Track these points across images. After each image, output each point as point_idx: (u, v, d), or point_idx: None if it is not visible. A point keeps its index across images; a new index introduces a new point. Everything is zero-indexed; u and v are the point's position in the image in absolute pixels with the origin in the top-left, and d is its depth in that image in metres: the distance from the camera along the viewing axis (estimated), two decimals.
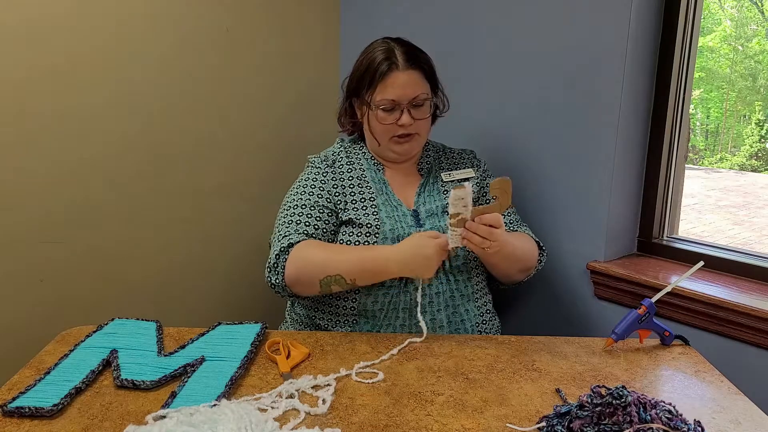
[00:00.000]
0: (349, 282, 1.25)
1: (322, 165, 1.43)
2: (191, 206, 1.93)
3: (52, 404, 0.92)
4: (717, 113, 11.34)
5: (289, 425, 0.90)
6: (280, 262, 1.28)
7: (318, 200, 1.36)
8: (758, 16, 11.49)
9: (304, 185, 1.40)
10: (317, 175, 1.41)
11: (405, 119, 1.33)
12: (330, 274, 1.24)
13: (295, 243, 1.29)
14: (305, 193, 1.38)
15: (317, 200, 1.36)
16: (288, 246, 1.29)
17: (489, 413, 0.95)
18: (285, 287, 1.29)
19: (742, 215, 7.04)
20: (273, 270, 1.29)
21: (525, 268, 1.42)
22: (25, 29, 1.58)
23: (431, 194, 1.42)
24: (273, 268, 1.29)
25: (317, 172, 1.42)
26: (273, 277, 1.29)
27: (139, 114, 1.79)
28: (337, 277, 1.24)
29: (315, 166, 1.43)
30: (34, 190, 1.65)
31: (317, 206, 1.35)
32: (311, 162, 1.45)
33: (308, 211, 1.35)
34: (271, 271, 1.29)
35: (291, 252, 1.28)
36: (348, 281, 1.25)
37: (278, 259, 1.28)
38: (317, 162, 1.44)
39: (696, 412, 0.97)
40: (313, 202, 1.36)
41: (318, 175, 1.41)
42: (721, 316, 1.32)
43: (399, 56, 1.33)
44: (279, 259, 1.28)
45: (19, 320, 1.67)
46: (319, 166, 1.43)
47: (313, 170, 1.42)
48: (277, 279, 1.28)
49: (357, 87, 1.39)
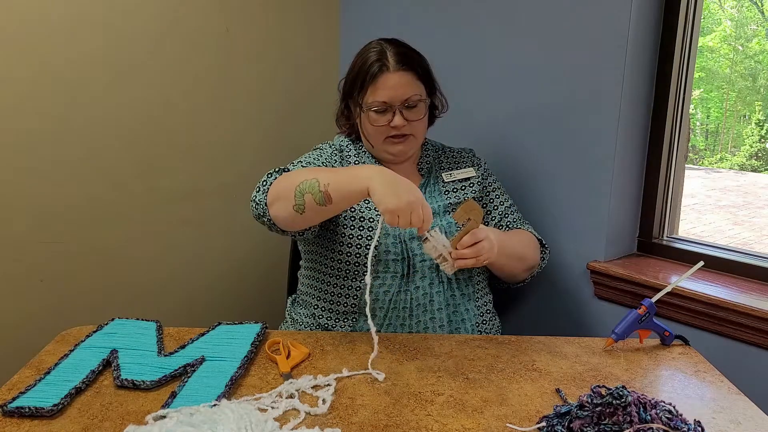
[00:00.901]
0: (322, 188, 1.13)
1: (330, 149, 1.43)
2: (191, 206, 1.94)
3: (52, 404, 0.92)
4: (717, 113, 11.34)
5: (289, 425, 0.90)
6: (269, 180, 1.26)
7: (324, 165, 1.36)
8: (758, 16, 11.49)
9: (311, 154, 1.41)
10: (324, 153, 1.41)
11: (397, 120, 1.33)
12: (307, 179, 1.16)
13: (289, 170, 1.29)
14: (311, 157, 1.39)
15: (323, 165, 1.37)
16: (282, 169, 1.29)
17: (489, 413, 0.95)
18: (265, 205, 1.23)
19: (742, 215, 7.04)
20: (260, 188, 1.26)
21: (529, 267, 1.42)
22: (25, 30, 1.58)
23: (432, 194, 1.42)
24: (261, 186, 1.26)
25: (324, 151, 1.42)
26: (258, 195, 1.25)
27: (139, 114, 1.79)
28: (311, 181, 1.14)
29: (323, 149, 1.44)
30: (34, 190, 1.65)
31: None
32: (319, 147, 1.45)
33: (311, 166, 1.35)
34: (258, 189, 1.26)
35: (283, 174, 1.26)
36: (321, 186, 1.13)
37: (268, 177, 1.27)
38: (325, 147, 1.45)
39: (696, 412, 0.97)
40: (318, 164, 1.36)
41: (325, 153, 1.41)
42: (721, 316, 1.32)
43: (390, 57, 1.33)
44: (269, 177, 1.27)
45: (19, 320, 1.67)
46: (326, 150, 1.43)
47: (320, 150, 1.43)
48: (261, 196, 1.24)
49: (350, 89, 1.39)
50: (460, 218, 1.20)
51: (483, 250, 1.20)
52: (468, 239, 1.19)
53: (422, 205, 1.08)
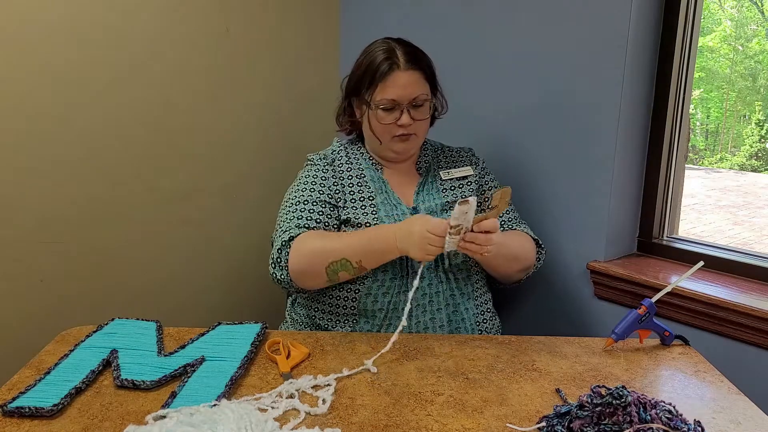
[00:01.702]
0: (356, 265, 1.24)
1: (322, 162, 1.43)
2: (191, 206, 1.93)
3: (52, 404, 0.92)
4: (717, 113, 11.35)
5: (289, 425, 0.90)
6: (282, 256, 1.28)
7: (319, 196, 1.36)
8: (758, 16, 11.49)
9: (305, 182, 1.40)
10: (317, 171, 1.41)
11: (405, 119, 1.33)
12: (335, 259, 1.23)
13: (295, 236, 1.29)
14: (306, 189, 1.38)
15: (318, 196, 1.36)
16: (289, 240, 1.29)
17: (489, 413, 0.95)
18: (291, 282, 1.28)
19: (742, 215, 7.05)
20: (277, 265, 1.29)
21: (524, 267, 1.42)
22: (25, 30, 1.58)
23: (430, 192, 1.42)
24: (276, 263, 1.29)
25: (317, 168, 1.42)
26: (278, 272, 1.29)
27: (139, 114, 1.79)
28: (342, 262, 1.23)
29: (315, 163, 1.44)
30: (34, 190, 1.65)
31: (318, 201, 1.36)
32: (311, 160, 1.45)
33: (309, 207, 1.35)
34: (275, 266, 1.29)
35: (292, 245, 1.27)
36: (354, 264, 1.24)
37: (280, 254, 1.28)
38: (317, 159, 1.44)
39: (696, 412, 0.97)
40: (314, 197, 1.36)
41: (318, 171, 1.41)
42: (721, 316, 1.32)
43: (400, 56, 1.33)
44: (281, 254, 1.28)
45: (19, 320, 1.67)
46: (318, 164, 1.43)
47: (313, 167, 1.43)
48: (282, 274, 1.28)
49: (357, 86, 1.39)
50: (496, 201, 1.18)
51: (491, 242, 1.20)
52: (488, 224, 1.18)
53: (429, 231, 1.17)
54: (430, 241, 1.16)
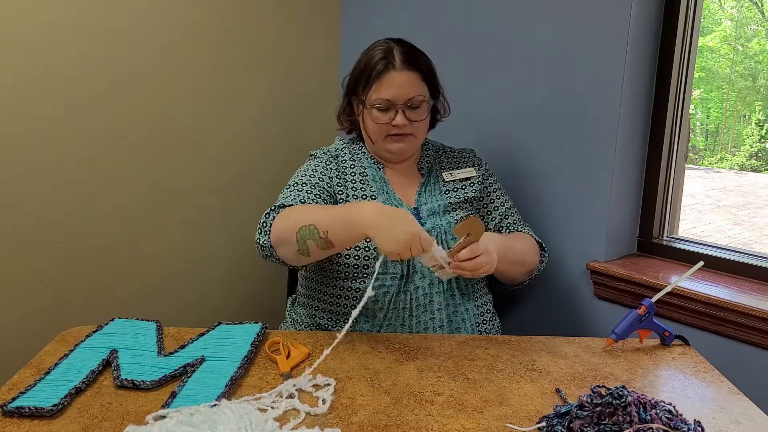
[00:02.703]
0: (322, 235, 1.17)
1: (325, 156, 1.43)
2: (191, 206, 1.94)
3: (52, 404, 0.92)
4: (717, 113, 11.35)
5: (289, 425, 0.90)
6: (268, 221, 1.26)
7: (319, 182, 1.36)
8: (758, 16, 11.49)
9: (306, 170, 1.40)
10: (320, 163, 1.41)
11: (399, 119, 1.33)
12: (305, 224, 1.18)
13: (287, 205, 1.28)
14: (306, 175, 1.38)
15: (318, 182, 1.36)
16: (280, 206, 1.28)
17: (489, 413, 0.95)
18: (271, 248, 1.25)
19: (742, 215, 7.05)
20: (262, 230, 1.27)
21: (528, 271, 1.43)
22: (25, 31, 1.58)
23: (432, 193, 1.42)
24: (262, 228, 1.27)
25: (320, 161, 1.42)
26: (261, 237, 1.26)
27: (138, 114, 1.79)
28: (310, 228, 1.17)
29: (318, 156, 1.44)
30: (34, 190, 1.65)
31: (317, 186, 1.35)
32: (314, 154, 1.45)
33: (307, 188, 1.35)
34: (260, 231, 1.27)
35: (281, 211, 1.26)
36: (321, 234, 1.17)
37: (267, 218, 1.27)
38: (320, 154, 1.45)
39: (696, 412, 0.97)
40: (313, 182, 1.36)
41: (321, 163, 1.41)
42: (721, 316, 1.32)
43: (397, 56, 1.33)
44: (268, 218, 1.27)
45: (19, 320, 1.67)
46: (321, 157, 1.43)
47: (316, 160, 1.43)
48: (264, 239, 1.25)
49: (354, 85, 1.39)
50: (460, 233, 1.18)
51: (482, 264, 1.19)
52: (466, 253, 1.17)
53: (419, 237, 1.10)
54: (415, 247, 1.10)
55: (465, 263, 1.17)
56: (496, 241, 1.29)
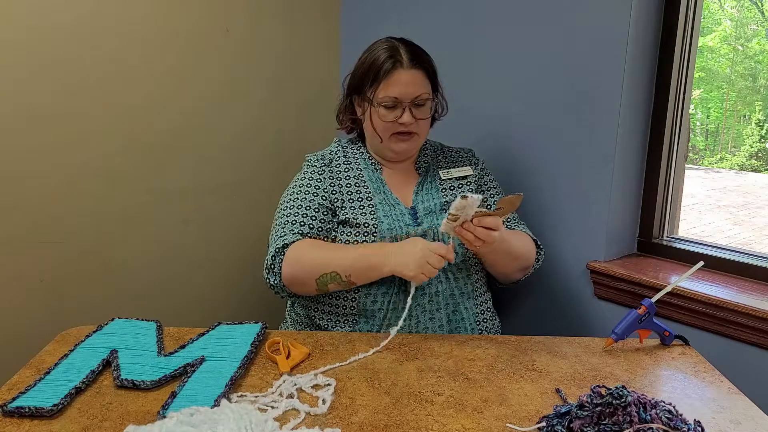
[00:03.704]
0: (345, 279, 1.26)
1: (319, 163, 1.43)
2: (191, 206, 1.93)
3: (52, 404, 0.92)
4: (717, 113, 11.35)
5: (289, 425, 0.90)
6: (276, 263, 1.29)
7: (314, 199, 1.37)
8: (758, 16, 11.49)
9: (300, 184, 1.41)
10: (314, 173, 1.41)
11: (406, 117, 1.34)
12: (325, 272, 1.26)
13: (290, 243, 1.30)
14: (301, 192, 1.39)
15: (313, 198, 1.37)
16: (283, 246, 1.30)
17: (489, 413, 0.95)
18: (283, 287, 1.31)
19: (742, 215, 7.05)
20: (270, 271, 1.31)
21: (523, 267, 1.42)
22: (25, 31, 1.58)
23: (429, 192, 1.42)
24: (270, 269, 1.31)
25: (314, 170, 1.42)
26: (271, 278, 1.31)
27: (138, 114, 1.79)
28: (333, 275, 1.25)
29: (312, 164, 1.44)
30: (34, 190, 1.65)
31: (313, 205, 1.36)
32: (308, 161, 1.46)
33: (304, 212, 1.35)
34: (269, 272, 1.31)
35: (287, 252, 1.29)
36: (344, 278, 1.26)
37: (274, 260, 1.30)
38: (314, 160, 1.44)
39: (696, 412, 0.97)
40: (308, 201, 1.36)
41: (315, 173, 1.41)
42: (721, 316, 1.32)
43: (404, 55, 1.34)
44: (275, 260, 1.30)
45: (19, 320, 1.67)
46: (315, 165, 1.43)
47: (310, 168, 1.43)
48: (275, 280, 1.30)
49: (359, 84, 1.39)
50: (502, 203, 1.19)
51: (492, 240, 1.20)
52: (491, 221, 1.19)
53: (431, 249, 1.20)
54: (430, 259, 1.19)
55: (480, 230, 1.19)
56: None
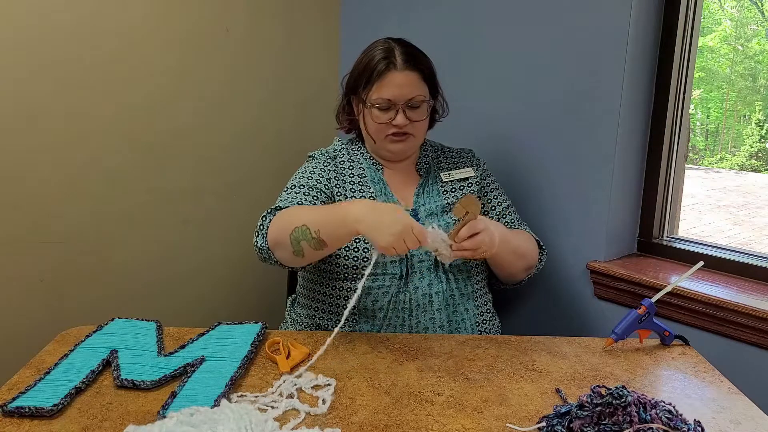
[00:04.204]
0: (314, 234, 1.17)
1: (323, 158, 1.43)
2: (191, 206, 1.94)
3: (52, 404, 0.92)
4: (717, 113, 11.34)
5: (289, 425, 0.90)
6: (265, 223, 1.26)
7: (316, 184, 1.37)
8: (758, 16, 11.49)
9: (303, 172, 1.40)
10: (318, 164, 1.41)
11: (399, 119, 1.33)
12: (297, 225, 1.19)
13: (283, 208, 1.28)
14: (304, 177, 1.39)
15: (315, 184, 1.37)
16: (275, 208, 1.28)
17: (489, 413, 0.95)
18: (268, 250, 1.25)
19: (742, 215, 7.04)
20: (259, 233, 1.27)
21: (528, 266, 1.43)
22: (26, 30, 1.58)
23: (430, 194, 1.42)
24: (259, 231, 1.27)
25: (318, 162, 1.42)
26: (259, 240, 1.26)
27: (139, 114, 1.79)
28: (303, 228, 1.17)
29: (316, 158, 1.44)
30: (34, 190, 1.65)
31: (314, 188, 1.36)
32: (312, 155, 1.46)
33: (304, 190, 1.35)
34: (257, 234, 1.27)
35: (277, 213, 1.26)
36: (313, 233, 1.17)
37: (264, 221, 1.27)
38: (318, 155, 1.45)
39: (696, 412, 0.97)
40: (311, 184, 1.36)
41: (319, 164, 1.41)
42: (721, 316, 1.32)
43: (398, 56, 1.34)
44: (264, 221, 1.27)
45: (19, 320, 1.67)
46: (319, 159, 1.43)
47: (314, 161, 1.43)
48: (262, 242, 1.25)
49: (355, 84, 1.39)
50: (459, 213, 1.20)
51: (482, 242, 1.20)
52: (465, 231, 1.19)
53: (412, 228, 1.10)
54: (408, 237, 1.10)
55: (465, 243, 1.19)
56: (499, 227, 1.30)
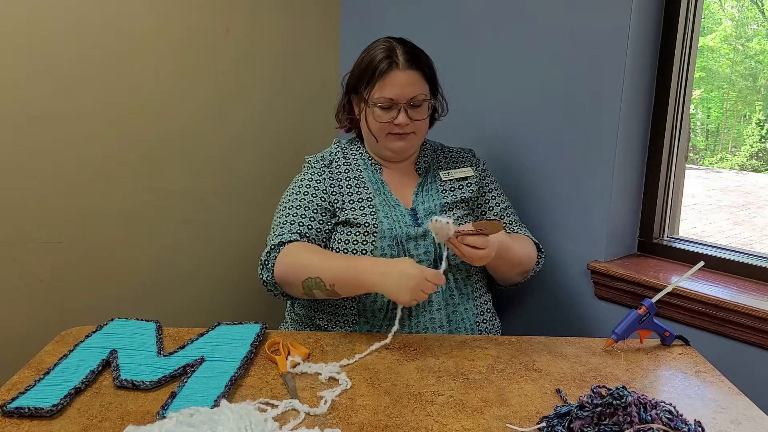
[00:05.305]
0: (329, 288, 1.22)
1: (318, 165, 1.43)
2: (191, 206, 1.93)
3: (51, 404, 0.92)
4: (717, 113, 11.33)
5: (289, 425, 0.90)
6: (270, 259, 1.28)
7: (313, 200, 1.36)
8: (758, 16, 11.49)
9: (300, 185, 1.40)
10: (314, 174, 1.41)
11: (401, 118, 1.34)
12: (311, 276, 1.22)
13: (287, 242, 1.29)
14: (300, 193, 1.38)
15: (312, 200, 1.36)
16: (279, 244, 1.29)
17: (489, 413, 0.95)
18: (275, 285, 1.29)
19: (742, 215, 7.04)
20: (264, 267, 1.30)
21: (524, 272, 1.43)
22: (24, 30, 1.58)
23: (429, 193, 1.42)
24: (264, 265, 1.30)
25: (314, 171, 1.42)
26: (264, 274, 1.30)
27: (138, 114, 1.79)
28: (317, 281, 1.22)
29: (312, 165, 1.44)
30: (34, 190, 1.65)
31: (312, 206, 1.36)
32: (308, 162, 1.45)
33: (303, 212, 1.35)
34: (263, 267, 1.30)
35: (282, 250, 1.28)
36: (327, 287, 1.22)
37: (269, 257, 1.29)
38: (313, 162, 1.44)
39: (696, 412, 0.97)
40: (308, 202, 1.36)
41: (314, 174, 1.41)
42: (721, 316, 1.32)
43: (400, 55, 1.34)
44: (269, 257, 1.29)
45: (19, 320, 1.67)
46: (315, 166, 1.43)
47: (310, 170, 1.43)
48: (268, 276, 1.29)
49: (356, 84, 1.39)
50: (479, 225, 1.21)
51: (475, 256, 1.22)
52: (474, 240, 1.21)
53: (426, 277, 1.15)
54: (424, 287, 1.15)
55: (464, 246, 1.20)
56: (498, 236, 1.30)
